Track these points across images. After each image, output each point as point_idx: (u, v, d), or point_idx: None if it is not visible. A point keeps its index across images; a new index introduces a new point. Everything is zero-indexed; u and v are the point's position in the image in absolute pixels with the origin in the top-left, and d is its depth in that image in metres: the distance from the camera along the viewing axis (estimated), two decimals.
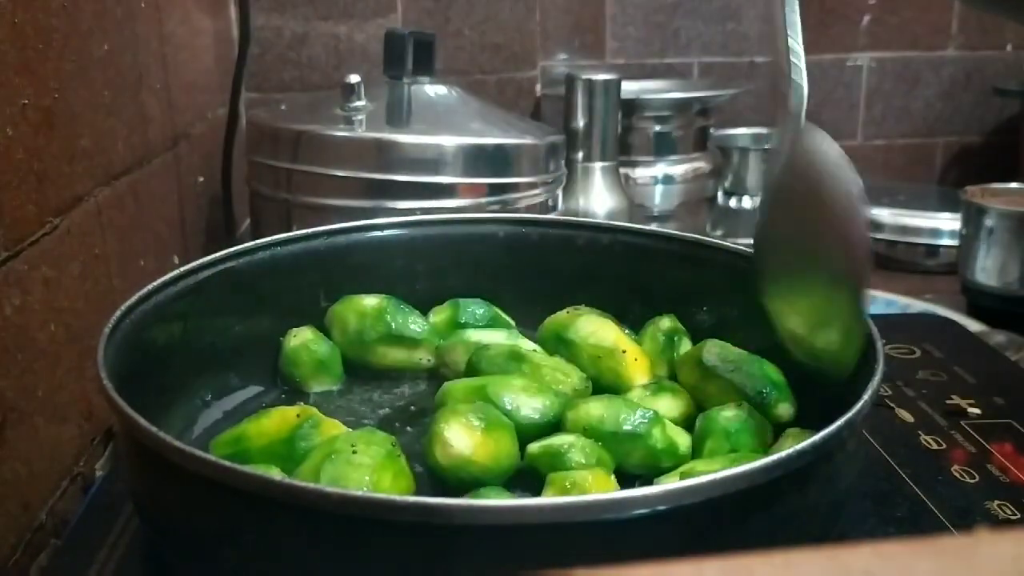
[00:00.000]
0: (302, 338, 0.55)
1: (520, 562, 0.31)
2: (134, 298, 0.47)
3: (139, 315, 0.47)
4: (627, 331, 0.56)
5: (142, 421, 0.36)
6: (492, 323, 0.59)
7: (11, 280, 0.48)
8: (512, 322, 0.60)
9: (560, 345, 0.55)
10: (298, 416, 0.45)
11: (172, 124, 0.79)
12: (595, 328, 0.54)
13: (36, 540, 0.49)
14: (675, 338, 0.56)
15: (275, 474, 0.40)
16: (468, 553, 0.32)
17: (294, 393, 0.55)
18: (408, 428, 0.52)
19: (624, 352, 0.53)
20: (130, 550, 0.44)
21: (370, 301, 0.57)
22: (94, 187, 0.59)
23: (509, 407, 0.47)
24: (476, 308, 0.59)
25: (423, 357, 0.57)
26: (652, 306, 0.59)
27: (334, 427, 0.46)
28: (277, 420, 0.45)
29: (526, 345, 0.55)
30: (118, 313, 0.45)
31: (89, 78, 0.59)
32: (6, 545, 0.46)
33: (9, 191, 0.48)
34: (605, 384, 0.53)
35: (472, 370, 0.53)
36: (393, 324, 0.56)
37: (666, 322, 0.57)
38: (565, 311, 0.58)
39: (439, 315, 0.59)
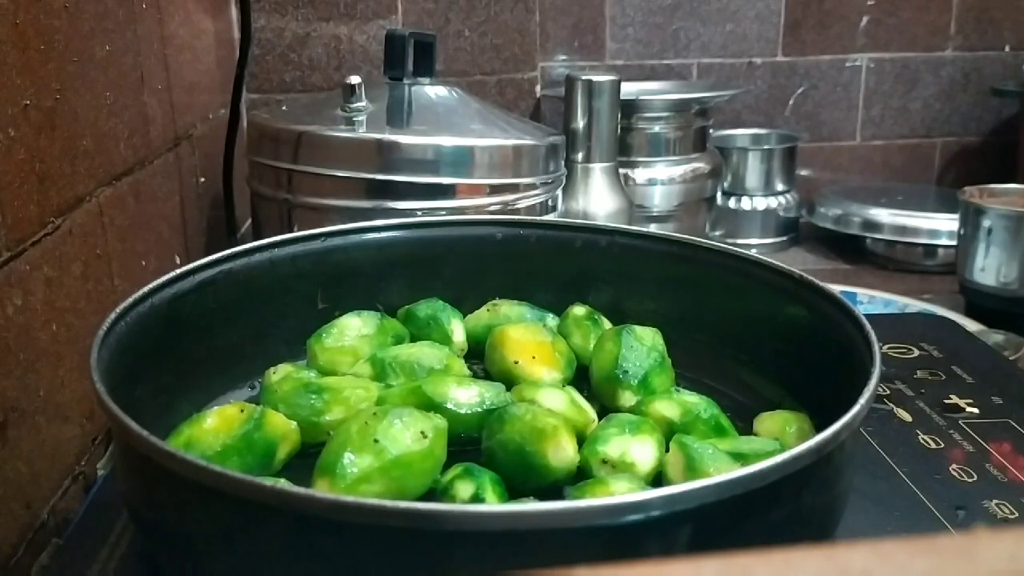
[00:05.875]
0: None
1: (511, 567, 0.31)
2: (129, 300, 0.47)
3: (135, 317, 0.47)
4: (547, 322, 0.60)
5: (133, 424, 0.36)
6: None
7: (13, 280, 0.48)
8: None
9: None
10: (242, 411, 0.46)
11: (173, 125, 0.79)
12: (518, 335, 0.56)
13: (38, 539, 0.49)
14: (596, 317, 0.59)
15: (266, 480, 0.40)
16: (459, 559, 0.32)
17: None
18: None
19: (534, 358, 0.55)
20: (131, 549, 0.44)
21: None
22: (96, 187, 0.60)
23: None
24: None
25: None
26: (649, 307, 0.60)
27: (277, 418, 0.47)
28: (221, 421, 0.45)
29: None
30: (112, 315, 0.45)
31: (91, 79, 0.59)
32: (8, 544, 0.47)
33: (11, 191, 0.48)
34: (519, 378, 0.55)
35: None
36: None
37: (580, 309, 0.60)
38: (485, 308, 0.61)
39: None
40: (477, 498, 0.42)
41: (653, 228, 1.01)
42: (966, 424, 0.54)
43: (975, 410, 0.56)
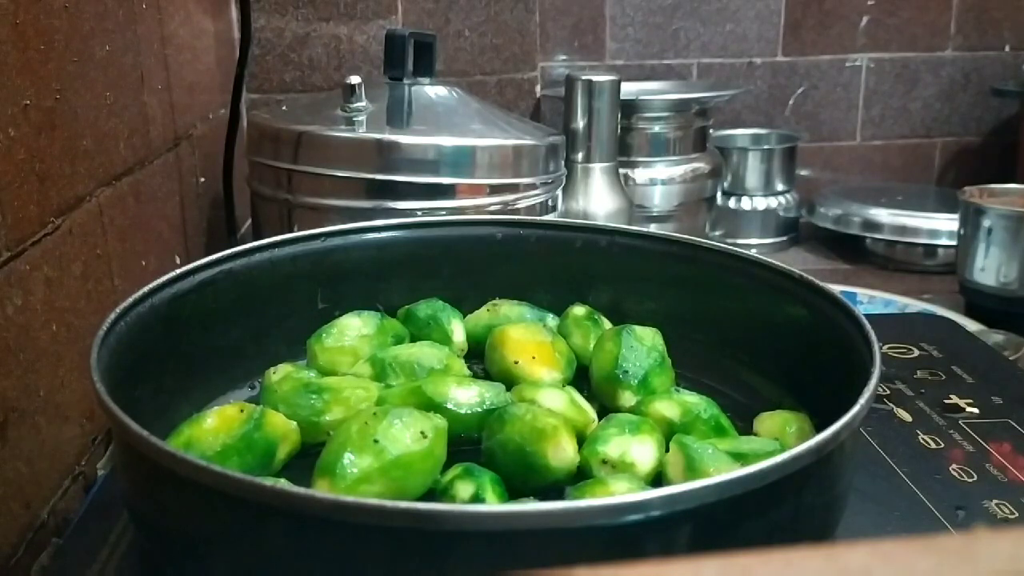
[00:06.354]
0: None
1: (511, 567, 0.31)
2: (129, 300, 0.47)
3: (135, 317, 0.47)
4: (547, 322, 0.60)
5: (133, 424, 0.36)
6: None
7: (13, 280, 0.48)
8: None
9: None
10: (242, 411, 0.46)
11: (173, 125, 0.79)
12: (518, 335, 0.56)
13: (38, 539, 0.49)
14: (596, 317, 0.59)
15: (266, 480, 0.40)
16: (459, 558, 0.32)
17: None
18: None
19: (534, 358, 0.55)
20: (131, 549, 0.44)
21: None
22: (96, 187, 0.60)
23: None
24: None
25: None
26: (649, 307, 0.60)
27: (277, 418, 0.47)
28: (221, 421, 0.45)
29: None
30: (113, 315, 0.45)
31: (91, 79, 0.59)
32: (8, 544, 0.47)
33: (11, 191, 0.48)
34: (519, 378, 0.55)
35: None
36: None
37: (580, 309, 0.60)
38: (485, 308, 0.61)
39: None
40: (477, 498, 0.42)
41: (653, 228, 1.01)
42: (966, 424, 0.54)
43: (975, 410, 0.56)
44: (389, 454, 0.41)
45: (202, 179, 0.89)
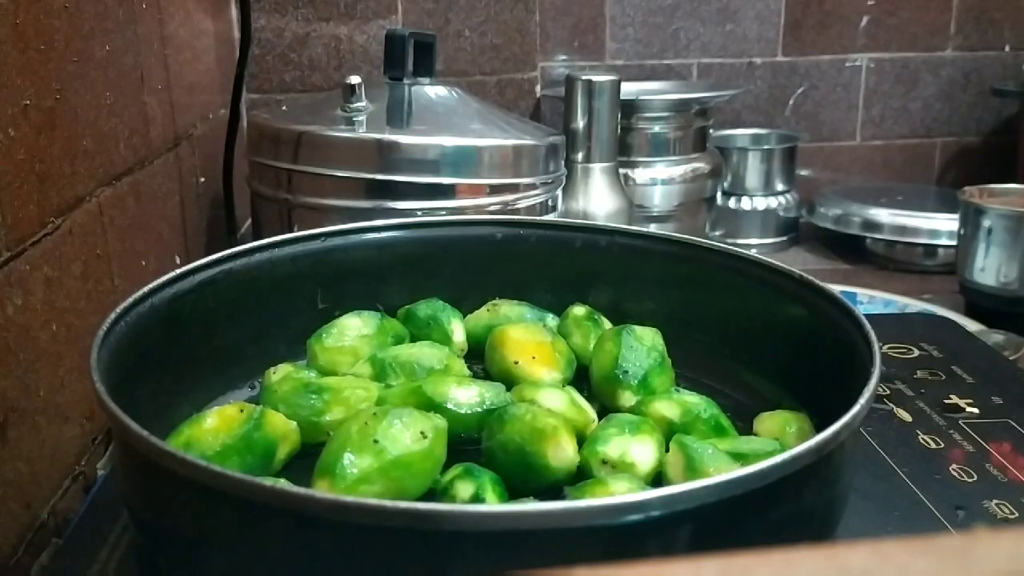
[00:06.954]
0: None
1: (511, 567, 0.31)
2: (129, 300, 0.47)
3: (135, 317, 0.47)
4: (547, 322, 0.60)
5: (133, 424, 0.36)
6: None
7: (13, 280, 0.48)
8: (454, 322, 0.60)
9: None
10: (242, 411, 0.46)
11: (173, 125, 0.79)
12: (518, 335, 0.57)
13: (38, 539, 0.49)
14: (596, 317, 0.59)
15: (266, 480, 0.40)
16: (459, 559, 0.32)
17: None
18: None
19: (534, 358, 0.55)
20: (131, 549, 0.44)
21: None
22: (96, 187, 0.60)
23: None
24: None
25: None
26: (649, 307, 0.60)
27: (277, 418, 0.47)
28: (221, 421, 0.45)
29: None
30: (113, 315, 0.45)
31: (91, 79, 0.59)
32: (8, 544, 0.47)
33: (11, 191, 0.48)
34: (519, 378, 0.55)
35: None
36: None
37: (580, 309, 0.60)
38: (485, 308, 0.61)
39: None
40: (477, 498, 0.42)
41: (653, 228, 1.01)
42: (966, 424, 0.54)
43: (975, 410, 0.56)
44: (389, 454, 0.41)
45: (202, 179, 0.89)
